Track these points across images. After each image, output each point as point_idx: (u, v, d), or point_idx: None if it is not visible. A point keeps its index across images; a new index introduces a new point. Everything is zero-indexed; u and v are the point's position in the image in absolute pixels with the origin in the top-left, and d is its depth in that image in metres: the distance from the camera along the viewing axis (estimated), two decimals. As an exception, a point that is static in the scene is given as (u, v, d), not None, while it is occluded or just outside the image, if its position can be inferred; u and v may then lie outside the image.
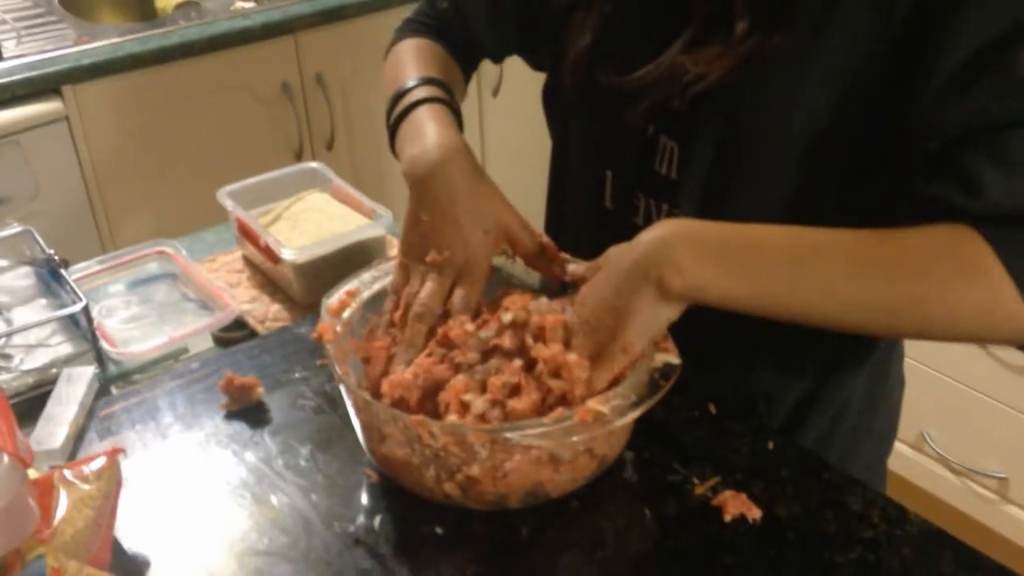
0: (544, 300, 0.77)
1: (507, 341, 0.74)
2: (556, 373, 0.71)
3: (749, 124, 0.76)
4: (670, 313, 0.70)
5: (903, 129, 0.70)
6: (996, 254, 0.65)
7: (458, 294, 0.78)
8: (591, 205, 0.92)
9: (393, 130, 0.87)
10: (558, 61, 0.88)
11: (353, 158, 2.21)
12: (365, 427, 0.77)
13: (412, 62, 0.92)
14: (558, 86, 0.94)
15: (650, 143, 0.84)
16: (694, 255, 0.68)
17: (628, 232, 0.88)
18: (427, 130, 0.82)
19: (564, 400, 0.71)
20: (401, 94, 0.87)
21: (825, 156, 0.75)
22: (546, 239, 0.82)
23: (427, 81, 0.88)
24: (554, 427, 0.68)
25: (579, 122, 0.92)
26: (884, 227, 0.69)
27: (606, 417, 0.68)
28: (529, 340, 0.74)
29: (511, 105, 2.36)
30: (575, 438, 0.69)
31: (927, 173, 0.69)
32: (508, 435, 0.67)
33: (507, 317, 0.75)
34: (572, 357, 0.71)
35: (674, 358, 0.73)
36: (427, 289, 0.78)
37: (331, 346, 0.76)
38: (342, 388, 0.77)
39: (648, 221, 0.87)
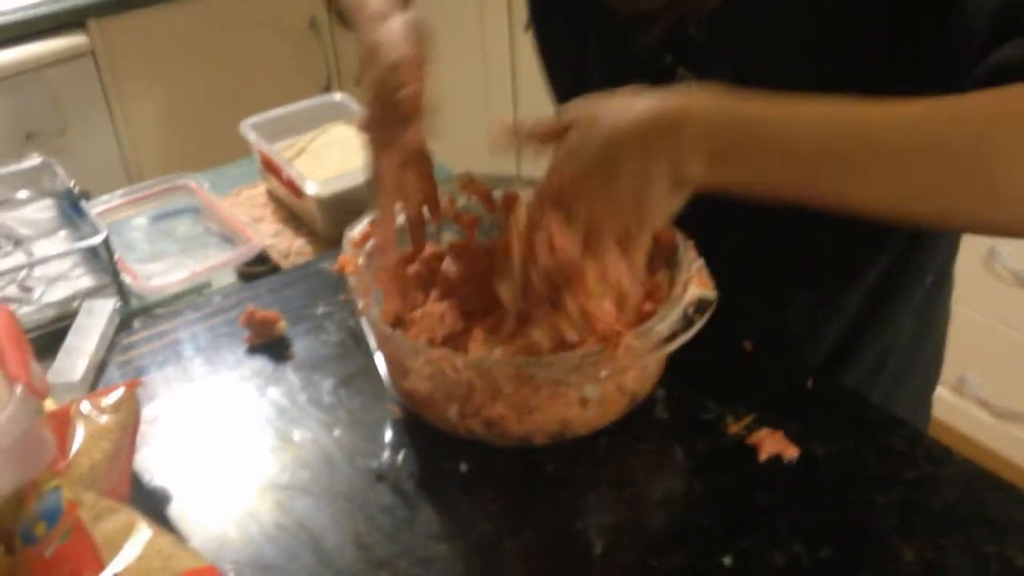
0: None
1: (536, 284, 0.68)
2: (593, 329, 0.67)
3: (767, 47, 0.71)
4: (681, 199, 0.62)
5: (941, 27, 0.63)
6: None
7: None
8: None
9: None
10: None
11: (382, 94, 2.16)
12: (388, 361, 0.75)
13: None
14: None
15: (667, 74, 0.80)
16: (713, 147, 0.59)
17: None
18: None
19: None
20: None
21: (845, 76, 0.69)
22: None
23: None
24: (583, 362, 0.65)
25: (593, 57, 0.88)
26: None
27: (637, 351, 0.65)
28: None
29: (544, 40, 2.30)
30: (604, 373, 0.66)
31: (989, 47, 0.59)
32: (535, 370, 0.65)
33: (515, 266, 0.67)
34: (606, 307, 0.66)
35: (709, 292, 0.70)
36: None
37: (353, 278, 0.74)
38: (363, 322, 0.75)
39: None
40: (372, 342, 0.76)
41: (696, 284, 0.70)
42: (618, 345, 0.65)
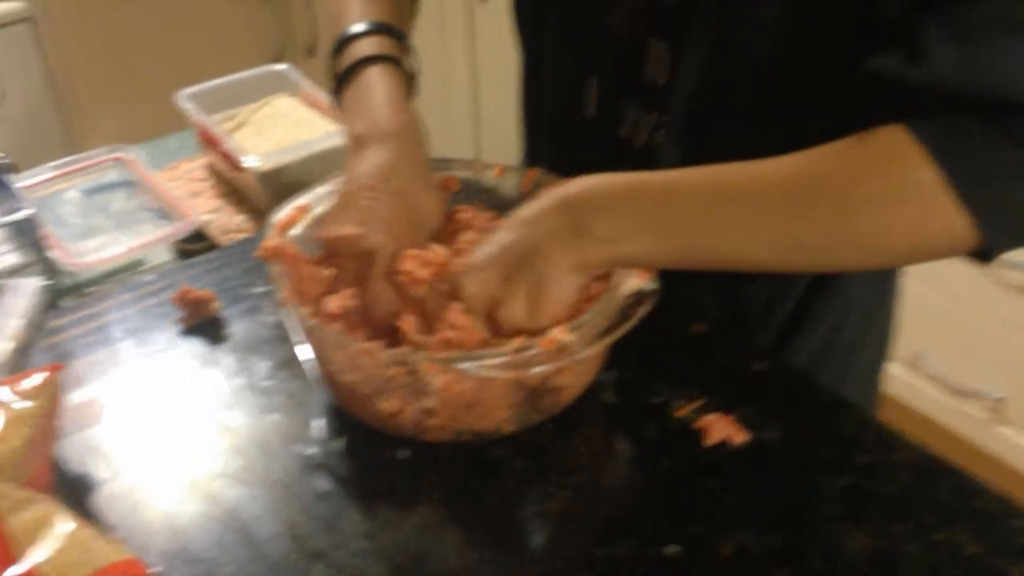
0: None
1: None
2: None
3: (744, 18, 0.69)
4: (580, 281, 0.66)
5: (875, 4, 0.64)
6: (929, 155, 0.58)
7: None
8: (572, 116, 0.85)
9: (339, 85, 0.77)
10: None
11: (336, 66, 2.11)
12: (315, 353, 0.72)
13: None
14: None
15: (637, 46, 0.77)
16: (604, 241, 0.63)
17: (612, 143, 0.82)
18: (376, 103, 0.74)
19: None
20: (346, 40, 0.78)
21: (820, 45, 0.68)
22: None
23: (376, 29, 0.78)
24: (514, 357, 0.62)
25: (556, 27, 0.85)
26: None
27: (571, 348, 0.62)
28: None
29: (503, 12, 2.25)
30: (537, 369, 0.63)
31: (878, 46, 0.62)
32: (463, 365, 0.62)
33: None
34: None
35: (648, 283, 0.67)
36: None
37: (276, 267, 0.70)
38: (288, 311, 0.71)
39: (635, 131, 0.81)
40: (299, 334, 0.72)
41: (636, 275, 0.67)
42: (551, 341, 0.62)
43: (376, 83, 0.75)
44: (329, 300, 0.69)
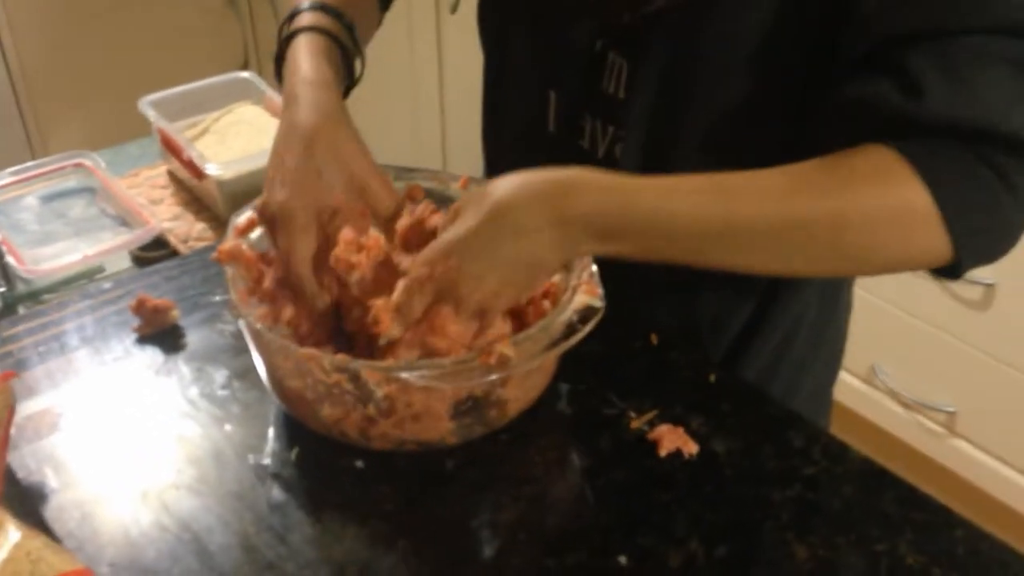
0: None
1: None
2: None
3: (703, 39, 0.71)
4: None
5: (847, 31, 0.65)
6: (918, 177, 0.60)
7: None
8: (533, 129, 0.86)
9: (280, 54, 0.79)
10: None
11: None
12: (263, 358, 0.72)
13: None
14: (496, 1, 0.87)
15: (597, 60, 0.78)
16: (603, 228, 0.63)
17: (574, 155, 0.83)
18: (293, 73, 0.74)
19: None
20: (292, 15, 0.80)
21: (776, 69, 0.70)
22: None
23: (314, 7, 0.79)
24: (454, 368, 0.63)
25: (519, 40, 0.86)
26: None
27: (511, 361, 0.63)
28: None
29: (471, 23, 2.26)
30: (475, 381, 0.64)
31: (861, 74, 0.64)
32: (404, 375, 0.62)
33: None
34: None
35: (596, 301, 0.67)
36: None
37: (231, 268, 0.71)
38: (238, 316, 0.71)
39: (594, 144, 0.82)
40: (248, 339, 0.72)
41: (584, 292, 0.68)
42: (491, 354, 0.63)
43: (298, 53, 0.76)
44: (264, 279, 0.70)
